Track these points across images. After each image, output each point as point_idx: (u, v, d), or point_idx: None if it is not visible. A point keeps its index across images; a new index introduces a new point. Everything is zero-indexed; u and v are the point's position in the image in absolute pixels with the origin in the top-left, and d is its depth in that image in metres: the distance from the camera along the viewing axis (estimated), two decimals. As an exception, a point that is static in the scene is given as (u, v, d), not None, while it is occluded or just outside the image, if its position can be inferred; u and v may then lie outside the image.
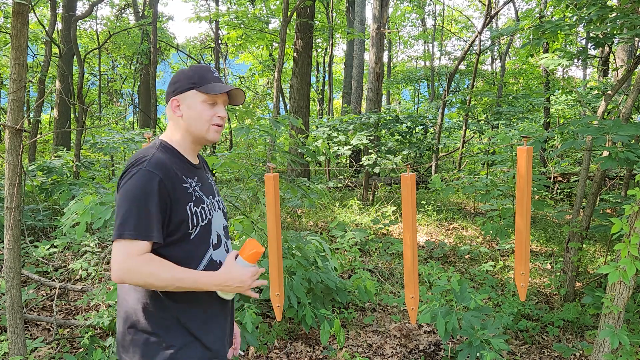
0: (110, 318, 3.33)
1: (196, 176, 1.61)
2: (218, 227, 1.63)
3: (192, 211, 1.51)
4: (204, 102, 1.56)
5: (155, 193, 1.42)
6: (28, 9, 2.41)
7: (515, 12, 14.70)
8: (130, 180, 1.43)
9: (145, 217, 1.40)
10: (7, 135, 2.44)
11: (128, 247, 1.39)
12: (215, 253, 1.61)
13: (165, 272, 1.41)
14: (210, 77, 1.59)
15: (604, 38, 4.19)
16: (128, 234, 1.39)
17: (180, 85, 1.57)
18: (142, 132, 7.39)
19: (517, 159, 1.89)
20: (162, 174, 1.45)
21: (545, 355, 3.56)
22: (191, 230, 1.51)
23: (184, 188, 1.51)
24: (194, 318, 1.53)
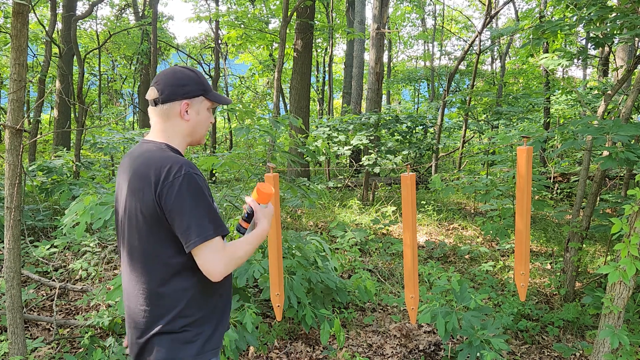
0: (110, 318, 3.33)
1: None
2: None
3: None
4: (209, 109, 1.63)
5: (208, 192, 1.49)
6: (28, 9, 2.41)
7: (515, 12, 14.70)
8: (182, 186, 1.42)
9: (215, 215, 1.47)
10: (7, 135, 2.44)
11: (215, 246, 1.44)
12: None
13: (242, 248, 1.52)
14: (209, 85, 1.66)
15: (604, 38, 4.19)
16: (211, 234, 1.43)
17: (191, 90, 1.57)
18: (142, 132, 7.39)
19: (517, 159, 1.90)
20: (200, 173, 1.51)
21: (545, 355, 3.56)
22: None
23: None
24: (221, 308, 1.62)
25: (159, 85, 1.56)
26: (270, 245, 2.01)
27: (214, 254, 1.43)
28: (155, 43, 9.57)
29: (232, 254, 1.48)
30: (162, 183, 1.42)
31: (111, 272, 4.56)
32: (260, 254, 3.43)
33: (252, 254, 1.55)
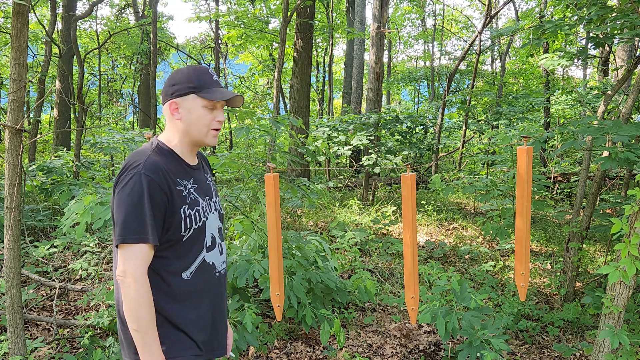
0: (110, 318, 3.32)
1: (192, 177, 1.61)
2: (213, 229, 1.64)
3: (186, 213, 1.52)
4: (204, 107, 1.56)
5: (151, 196, 1.43)
6: (28, 9, 2.41)
7: (515, 12, 14.70)
8: (127, 185, 1.44)
9: (143, 221, 1.42)
10: (7, 135, 2.44)
11: (132, 252, 1.42)
12: (209, 255, 1.62)
13: (142, 306, 1.42)
14: (209, 80, 1.57)
15: (604, 38, 4.19)
16: (130, 238, 1.41)
17: (179, 89, 1.55)
18: (142, 132, 7.39)
19: (517, 159, 1.89)
20: (157, 177, 1.45)
21: (545, 355, 3.56)
22: (184, 233, 1.52)
23: (178, 191, 1.51)
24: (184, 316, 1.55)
25: (163, 87, 1.59)
26: (270, 245, 2.01)
27: (126, 259, 1.42)
28: (155, 43, 9.57)
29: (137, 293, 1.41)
30: (116, 181, 1.48)
31: (111, 272, 4.55)
32: (260, 254, 3.43)
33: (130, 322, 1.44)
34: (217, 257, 1.66)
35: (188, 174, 1.59)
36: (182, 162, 1.59)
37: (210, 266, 1.62)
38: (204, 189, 1.65)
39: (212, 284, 1.64)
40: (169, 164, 1.54)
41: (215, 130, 1.59)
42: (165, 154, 1.56)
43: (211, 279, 1.63)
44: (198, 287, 1.58)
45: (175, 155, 1.59)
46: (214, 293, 1.65)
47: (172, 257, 1.52)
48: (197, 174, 1.65)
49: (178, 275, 1.54)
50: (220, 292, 1.70)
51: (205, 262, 1.60)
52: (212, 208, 1.66)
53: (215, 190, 1.78)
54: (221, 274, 1.70)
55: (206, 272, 1.61)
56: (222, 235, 1.72)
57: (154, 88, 9.71)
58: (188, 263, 1.55)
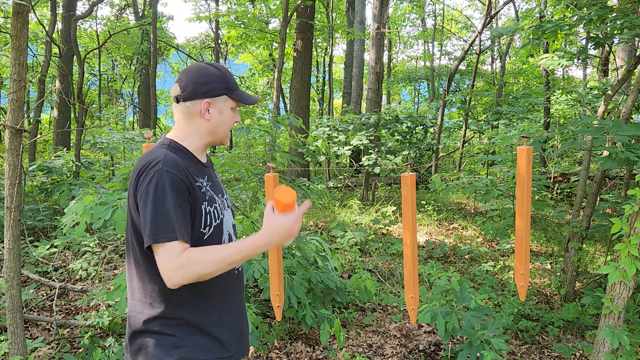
0: (110, 318, 3.33)
1: (206, 175, 1.58)
2: (228, 226, 1.62)
3: (207, 210, 1.49)
4: (233, 109, 1.57)
5: (176, 192, 1.40)
6: (28, 9, 2.41)
7: (515, 12, 14.71)
8: (150, 184, 1.39)
9: (171, 218, 1.38)
10: (7, 135, 2.44)
11: (168, 250, 1.37)
12: None
13: (212, 255, 1.38)
14: (235, 82, 1.59)
15: (604, 38, 4.19)
16: (163, 237, 1.36)
17: (213, 88, 1.52)
18: (142, 132, 7.39)
19: (517, 159, 1.89)
20: (178, 172, 1.43)
21: (545, 355, 3.56)
22: (204, 230, 1.49)
23: (197, 187, 1.49)
24: (206, 316, 1.51)
25: (182, 82, 1.53)
26: (270, 245, 2.01)
27: (165, 259, 1.37)
28: (155, 43, 9.57)
29: (194, 261, 1.36)
30: (138, 178, 1.43)
31: (111, 272, 4.55)
32: (260, 254, 3.43)
33: (230, 265, 1.40)
34: None
35: (202, 172, 1.57)
36: (196, 160, 1.57)
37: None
38: (216, 187, 1.63)
39: (232, 282, 1.61)
40: (185, 161, 1.51)
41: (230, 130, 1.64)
42: (180, 152, 1.52)
43: (231, 277, 1.60)
44: (219, 286, 1.55)
45: (189, 154, 1.55)
46: (234, 291, 1.63)
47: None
48: (209, 171, 1.63)
49: None
50: (240, 290, 1.67)
51: None
52: (225, 205, 1.64)
53: (223, 188, 1.77)
54: (239, 272, 1.67)
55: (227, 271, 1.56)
56: (236, 232, 1.71)
57: (154, 88, 9.71)
58: None
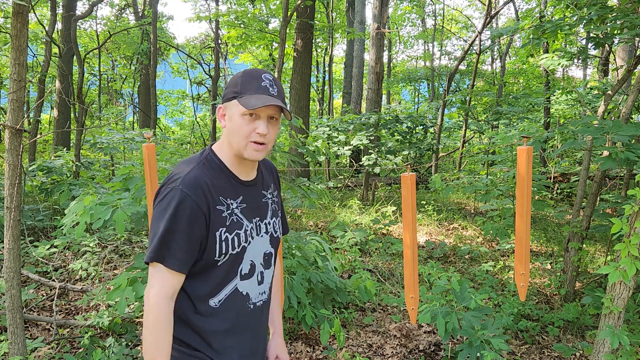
0: (110, 318, 3.33)
1: (241, 196, 1.45)
2: (255, 254, 1.48)
3: (222, 237, 1.38)
4: (243, 115, 1.38)
5: (186, 216, 1.32)
6: (28, 9, 2.41)
7: (516, 11, 14.71)
8: (163, 200, 1.34)
9: (173, 243, 1.32)
10: (7, 135, 2.44)
11: (156, 273, 1.33)
12: (243, 284, 1.46)
13: (149, 335, 1.31)
14: (254, 85, 1.38)
15: (604, 38, 4.19)
16: (148, 256, 1.33)
17: (227, 93, 1.42)
18: (142, 132, 7.38)
19: (517, 159, 1.89)
20: (195, 195, 1.33)
21: (545, 355, 3.56)
22: (218, 258, 1.39)
23: (218, 211, 1.38)
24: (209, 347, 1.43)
25: None
26: (270, 245, 2.01)
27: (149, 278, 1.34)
28: (155, 43, 9.57)
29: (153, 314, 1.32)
30: (158, 190, 1.40)
31: (111, 272, 4.55)
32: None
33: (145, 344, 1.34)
34: (254, 287, 1.48)
35: (236, 192, 1.44)
36: (232, 177, 1.44)
37: (243, 296, 1.46)
38: (254, 209, 1.48)
39: (244, 317, 1.47)
40: (216, 179, 1.40)
41: (256, 143, 1.39)
42: (214, 167, 1.42)
43: (243, 311, 1.47)
44: (226, 318, 1.44)
45: (225, 169, 1.44)
46: (244, 328, 1.48)
47: (202, 281, 1.40)
48: (249, 191, 1.48)
49: (205, 301, 1.41)
50: (253, 327, 1.51)
51: (237, 291, 1.44)
52: (261, 230, 1.49)
53: (275, 209, 1.59)
54: (256, 307, 1.50)
55: (238, 302, 1.45)
56: (268, 262, 1.54)
57: (154, 88, 9.71)
58: (217, 290, 1.42)
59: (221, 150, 1.45)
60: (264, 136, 1.38)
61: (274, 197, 1.59)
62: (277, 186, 1.65)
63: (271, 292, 1.59)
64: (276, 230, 1.57)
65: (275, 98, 1.38)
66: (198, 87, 18.29)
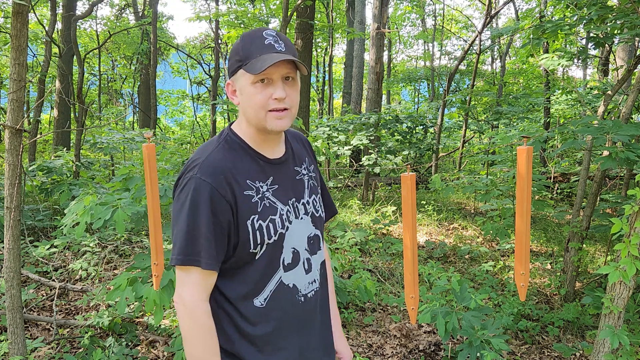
0: (110, 318, 3.33)
1: (271, 176, 1.28)
2: (297, 239, 1.30)
3: (256, 226, 1.21)
4: (254, 83, 1.19)
5: (209, 208, 1.16)
6: (28, 9, 2.41)
7: (516, 11, 14.70)
8: (181, 194, 1.19)
9: (198, 240, 1.17)
10: (7, 135, 2.44)
11: (185, 275, 1.19)
12: (288, 275, 1.28)
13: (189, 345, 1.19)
14: (258, 46, 1.19)
15: (604, 38, 4.19)
16: (176, 259, 1.18)
17: (230, 65, 1.24)
18: (142, 132, 7.38)
19: (517, 159, 1.89)
20: (216, 182, 1.17)
21: (545, 355, 3.56)
22: (254, 250, 1.22)
23: (246, 197, 1.21)
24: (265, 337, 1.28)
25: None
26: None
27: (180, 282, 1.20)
28: (155, 43, 9.57)
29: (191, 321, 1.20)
30: (176, 182, 1.26)
31: (111, 272, 4.55)
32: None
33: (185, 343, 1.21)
34: (301, 277, 1.30)
35: (265, 173, 1.27)
36: (257, 156, 1.27)
37: (291, 289, 1.28)
38: (289, 188, 1.31)
39: (295, 312, 1.30)
40: (239, 161, 1.24)
41: (276, 111, 1.20)
42: (236, 148, 1.26)
43: (293, 305, 1.29)
44: (275, 317, 1.27)
45: (248, 149, 1.27)
46: (299, 324, 1.31)
47: (241, 280, 1.24)
48: (280, 169, 1.30)
49: (249, 302, 1.25)
50: (309, 322, 1.34)
51: (283, 284, 1.27)
52: (299, 212, 1.31)
53: (314, 186, 1.39)
54: (308, 298, 1.32)
55: (286, 297, 1.28)
56: (314, 246, 1.35)
57: (154, 88, 9.71)
58: (261, 287, 1.25)
59: (241, 129, 1.28)
60: (282, 100, 1.20)
61: (310, 172, 1.40)
62: (313, 159, 1.45)
63: (324, 280, 1.40)
64: (317, 209, 1.37)
65: (283, 54, 1.19)
66: (198, 87, 18.29)
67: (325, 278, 1.41)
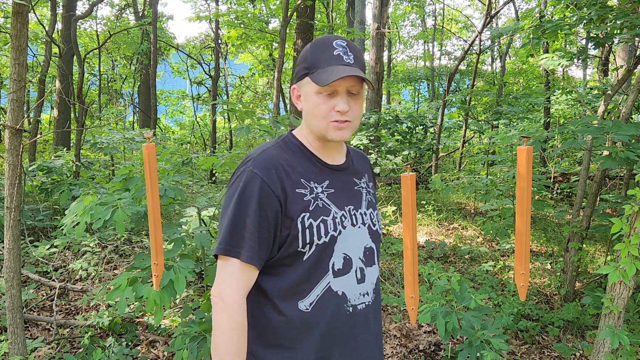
0: (110, 318, 3.33)
1: (327, 179, 1.26)
2: (352, 246, 1.26)
3: (305, 224, 1.19)
4: (318, 93, 1.19)
5: (258, 201, 1.16)
6: (28, 9, 2.41)
7: (516, 11, 14.70)
8: (233, 185, 1.20)
9: (242, 232, 1.16)
10: (7, 135, 2.44)
11: (225, 266, 1.17)
12: (337, 281, 1.23)
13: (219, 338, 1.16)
14: (327, 56, 1.19)
15: (604, 38, 4.19)
16: (218, 248, 1.18)
17: (298, 70, 1.24)
18: (142, 132, 7.38)
19: (517, 159, 1.89)
20: (267, 176, 1.17)
21: (545, 355, 3.56)
22: (303, 249, 1.19)
23: (298, 194, 1.20)
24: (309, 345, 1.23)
25: None
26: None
27: (218, 273, 1.18)
28: (155, 43, 9.57)
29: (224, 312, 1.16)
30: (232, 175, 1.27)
31: (111, 272, 4.55)
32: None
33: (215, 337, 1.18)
34: (352, 286, 1.25)
35: (321, 175, 1.26)
36: (314, 159, 1.27)
37: (339, 297, 1.23)
38: (345, 195, 1.28)
39: (341, 321, 1.24)
40: (295, 161, 1.24)
41: (337, 122, 1.20)
42: (292, 148, 1.27)
43: (339, 314, 1.24)
44: (319, 324, 1.22)
45: (306, 151, 1.27)
46: (343, 337, 1.25)
47: (287, 279, 1.21)
48: (337, 175, 1.29)
49: (294, 304, 1.21)
50: (354, 337, 1.26)
51: (331, 290, 1.22)
52: (357, 220, 1.28)
53: (371, 200, 1.38)
54: (358, 310, 1.26)
55: (332, 303, 1.23)
56: (369, 258, 1.31)
57: (154, 88, 9.71)
58: (307, 289, 1.21)
59: (301, 133, 1.29)
60: (345, 113, 1.20)
61: (368, 187, 1.39)
62: (372, 178, 1.44)
63: (378, 297, 1.34)
64: (374, 223, 1.35)
65: (351, 67, 1.18)
66: (198, 87, 18.29)
67: (379, 295, 1.36)
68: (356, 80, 1.19)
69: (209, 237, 2.85)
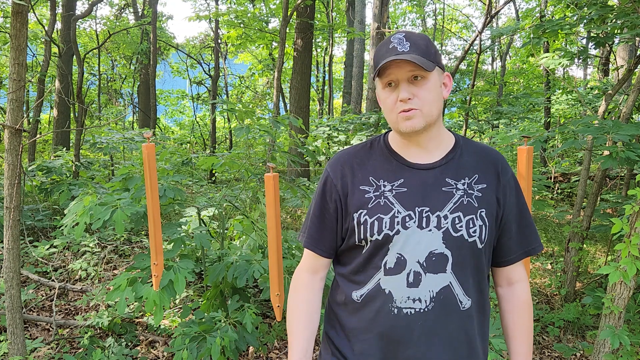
0: (110, 318, 3.32)
1: (402, 178, 1.23)
2: (411, 248, 1.19)
3: (361, 220, 1.21)
4: (383, 88, 1.22)
5: (323, 195, 1.29)
6: (27, 9, 2.41)
7: (516, 11, 14.70)
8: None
9: (310, 222, 1.32)
10: (6, 135, 2.43)
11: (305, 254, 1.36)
12: (386, 279, 1.20)
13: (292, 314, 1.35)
14: (382, 52, 1.20)
15: (605, 38, 4.18)
16: (300, 236, 1.36)
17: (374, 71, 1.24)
18: (141, 132, 7.38)
19: (518, 159, 1.89)
20: (333, 173, 1.28)
21: (545, 355, 3.56)
22: (360, 243, 1.23)
23: (360, 191, 1.23)
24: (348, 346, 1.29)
25: None
26: (270, 245, 2.00)
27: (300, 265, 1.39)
28: (155, 43, 9.57)
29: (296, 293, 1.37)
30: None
31: (111, 272, 4.55)
32: (260, 254, 3.43)
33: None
34: (401, 288, 1.19)
35: (395, 174, 1.24)
36: (393, 157, 1.27)
37: (386, 295, 1.20)
38: (419, 195, 1.21)
39: (384, 320, 1.21)
40: (370, 158, 1.28)
41: (404, 112, 1.17)
42: (375, 148, 1.30)
43: (383, 312, 1.21)
44: (365, 317, 1.24)
45: (386, 150, 1.28)
46: (383, 338, 1.22)
47: (349, 268, 1.28)
48: (417, 174, 1.23)
49: (350, 292, 1.28)
50: (397, 342, 1.21)
51: (379, 287, 1.21)
52: (427, 223, 1.19)
53: (469, 204, 1.22)
54: (404, 315, 1.19)
55: (379, 300, 1.21)
56: (435, 265, 1.19)
57: (153, 88, 9.70)
58: (362, 281, 1.25)
59: (392, 134, 1.32)
60: (407, 101, 1.16)
61: (473, 190, 1.23)
62: (495, 181, 1.26)
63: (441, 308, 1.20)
64: (459, 229, 1.19)
65: (404, 53, 1.15)
66: (198, 87, 18.28)
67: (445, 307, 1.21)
68: (414, 65, 1.15)
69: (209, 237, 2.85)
